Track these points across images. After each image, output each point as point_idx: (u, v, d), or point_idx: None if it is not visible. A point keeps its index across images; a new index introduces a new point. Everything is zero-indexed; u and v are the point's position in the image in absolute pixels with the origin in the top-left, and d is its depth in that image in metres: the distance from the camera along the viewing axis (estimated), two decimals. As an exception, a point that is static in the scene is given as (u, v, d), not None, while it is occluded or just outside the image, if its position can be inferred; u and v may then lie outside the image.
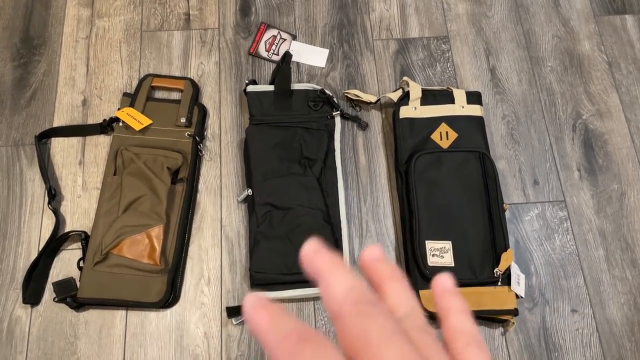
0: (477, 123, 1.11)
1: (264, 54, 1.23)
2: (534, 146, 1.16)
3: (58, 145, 1.13)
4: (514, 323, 0.97)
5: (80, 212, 1.08)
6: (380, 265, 0.23)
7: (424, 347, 0.20)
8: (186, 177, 1.07)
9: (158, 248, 1.00)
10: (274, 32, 1.26)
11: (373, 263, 0.23)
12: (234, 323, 0.99)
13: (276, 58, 1.22)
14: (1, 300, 1.00)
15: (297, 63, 1.22)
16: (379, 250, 0.24)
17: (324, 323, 1.00)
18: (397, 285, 0.23)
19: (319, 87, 1.15)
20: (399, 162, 1.09)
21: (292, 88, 1.15)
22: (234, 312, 0.97)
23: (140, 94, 1.14)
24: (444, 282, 0.24)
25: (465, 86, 1.21)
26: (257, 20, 1.27)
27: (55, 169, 1.11)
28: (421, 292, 0.97)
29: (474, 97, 1.14)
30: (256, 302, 0.21)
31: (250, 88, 1.14)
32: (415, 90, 1.12)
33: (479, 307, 0.96)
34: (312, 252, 0.22)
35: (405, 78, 1.15)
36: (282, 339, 0.20)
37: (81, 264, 1.00)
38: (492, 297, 0.97)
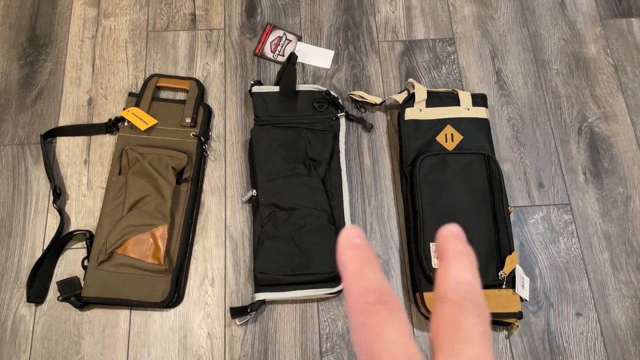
0: (483, 125, 1.11)
1: (270, 54, 1.23)
2: (539, 149, 1.16)
3: (63, 144, 1.14)
4: (518, 326, 0.97)
5: (85, 211, 1.08)
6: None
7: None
8: (191, 177, 1.07)
9: (162, 248, 1.00)
10: (280, 33, 1.26)
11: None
12: (238, 323, 0.99)
13: (281, 59, 1.23)
14: (5, 299, 1.01)
15: (303, 64, 1.22)
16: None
17: (327, 324, 1.00)
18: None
19: (324, 88, 1.15)
20: (403, 164, 1.09)
21: (297, 89, 1.15)
22: (237, 312, 0.97)
23: (146, 94, 1.15)
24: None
25: (470, 88, 1.21)
26: (262, 21, 1.27)
27: (60, 168, 1.12)
28: (425, 294, 0.97)
29: (479, 100, 1.14)
30: (352, 238, 0.23)
31: (256, 89, 1.14)
32: (421, 92, 1.12)
33: (483, 310, 0.96)
34: (453, 235, 0.24)
35: (410, 80, 1.15)
36: (361, 294, 0.21)
37: (85, 263, 1.00)
38: (496, 300, 0.97)
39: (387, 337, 0.20)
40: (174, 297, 0.99)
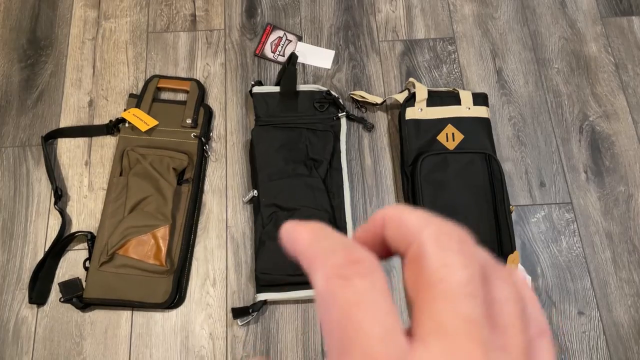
0: (484, 124, 1.11)
1: (270, 55, 1.23)
2: (540, 148, 1.15)
3: (64, 145, 1.14)
4: (520, 325, 0.97)
5: (86, 213, 1.08)
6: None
7: (501, 317, 0.17)
8: (192, 178, 1.07)
9: (164, 249, 1.00)
10: (280, 33, 1.26)
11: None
12: (240, 324, 0.99)
13: (282, 59, 1.22)
14: (8, 300, 1.01)
15: (303, 64, 1.22)
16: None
17: (329, 324, 0.99)
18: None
19: (325, 89, 1.15)
20: (404, 164, 1.09)
21: (297, 89, 1.14)
22: (239, 313, 0.97)
23: (146, 95, 1.15)
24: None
25: (471, 88, 1.21)
26: (262, 21, 1.27)
27: (61, 170, 1.12)
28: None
29: (480, 99, 1.14)
30: (294, 224, 0.19)
31: (256, 89, 1.14)
32: (421, 92, 1.12)
33: (485, 309, 0.96)
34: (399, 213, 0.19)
35: (411, 79, 1.15)
36: (328, 256, 0.16)
37: (87, 264, 1.01)
38: (498, 299, 0.96)
39: (362, 321, 0.15)
40: (175, 298, 0.99)
